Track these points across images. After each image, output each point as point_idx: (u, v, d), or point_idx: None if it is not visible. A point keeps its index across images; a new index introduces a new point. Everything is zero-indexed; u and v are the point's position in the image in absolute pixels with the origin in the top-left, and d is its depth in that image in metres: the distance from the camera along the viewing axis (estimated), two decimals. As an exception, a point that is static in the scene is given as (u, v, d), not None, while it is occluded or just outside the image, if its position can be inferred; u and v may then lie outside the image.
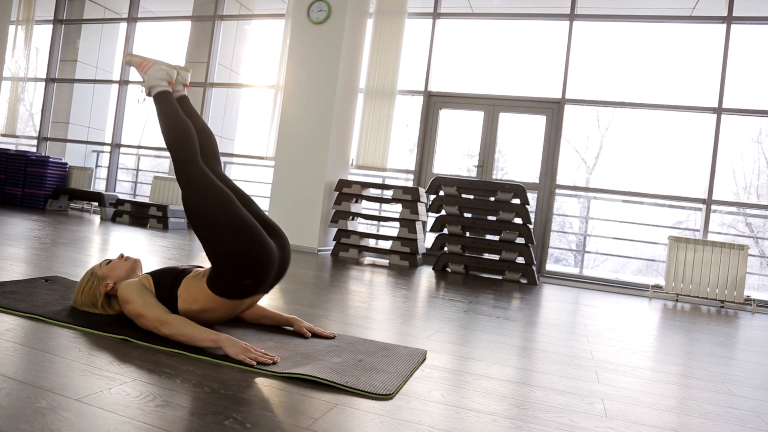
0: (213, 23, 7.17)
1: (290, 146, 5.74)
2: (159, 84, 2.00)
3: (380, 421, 1.26)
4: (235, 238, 1.70)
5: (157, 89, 1.99)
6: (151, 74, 2.00)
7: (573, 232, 9.40)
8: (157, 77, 2.00)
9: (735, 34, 5.36)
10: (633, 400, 1.66)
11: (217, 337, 1.61)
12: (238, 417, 1.18)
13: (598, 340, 2.60)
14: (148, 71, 2.01)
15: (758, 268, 7.56)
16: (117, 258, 1.96)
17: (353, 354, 1.77)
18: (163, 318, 1.67)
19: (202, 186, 1.78)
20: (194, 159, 1.85)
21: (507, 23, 8.48)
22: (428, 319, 2.65)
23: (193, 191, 1.78)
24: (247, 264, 1.71)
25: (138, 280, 1.81)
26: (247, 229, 1.72)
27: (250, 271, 1.72)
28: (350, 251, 5.49)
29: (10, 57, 8.03)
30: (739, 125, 10.98)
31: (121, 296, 1.76)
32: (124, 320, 1.83)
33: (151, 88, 2.00)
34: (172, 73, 2.04)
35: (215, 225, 1.72)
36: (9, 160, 7.12)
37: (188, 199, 1.79)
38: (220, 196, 1.76)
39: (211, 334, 1.62)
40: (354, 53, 5.97)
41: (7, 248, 3.26)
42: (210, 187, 1.78)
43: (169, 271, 1.84)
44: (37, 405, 1.11)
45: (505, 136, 6.19)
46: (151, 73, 2.00)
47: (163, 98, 1.98)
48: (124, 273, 1.90)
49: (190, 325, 1.65)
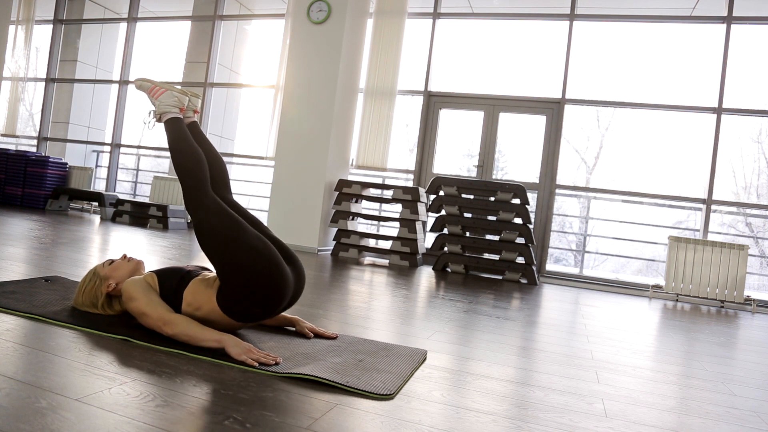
0: (213, 23, 7.17)
1: (290, 146, 5.74)
2: (170, 110, 1.97)
3: (380, 421, 1.26)
4: (249, 268, 1.66)
5: (169, 116, 1.97)
6: (163, 100, 1.98)
7: (573, 232, 9.40)
8: (168, 104, 1.97)
9: (735, 34, 5.36)
10: (633, 400, 1.66)
11: (220, 338, 1.60)
12: (238, 417, 1.18)
13: (598, 340, 2.60)
14: (159, 97, 1.99)
15: (758, 268, 7.56)
16: (120, 258, 1.96)
17: (353, 354, 1.77)
18: (167, 317, 1.66)
19: (212, 213, 1.75)
20: (204, 186, 1.82)
21: (507, 23, 8.48)
22: (428, 319, 2.65)
23: (204, 218, 1.75)
24: (260, 295, 1.68)
25: (143, 278, 1.80)
26: (262, 258, 1.68)
27: (262, 301, 1.69)
28: (350, 251, 5.49)
29: (10, 57, 8.03)
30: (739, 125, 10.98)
31: (126, 293, 1.76)
32: (125, 320, 1.83)
33: (162, 114, 1.98)
34: (184, 100, 2.01)
35: (227, 252, 1.68)
36: (9, 160, 7.12)
37: (199, 226, 1.75)
38: (231, 223, 1.73)
39: (214, 334, 1.62)
40: (354, 53, 5.97)
41: (7, 248, 3.26)
42: (220, 213, 1.75)
43: (175, 271, 1.82)
44: (37, 405, 1.11)
45: (505, 136, 6.19)
46: (162, 99, 1.98)
47: (174, 125, 1.95)
48: (126, 274, 1.89)
49: (193, 324, 1.65)
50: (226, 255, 1.68)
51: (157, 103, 1.98)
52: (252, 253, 1.67)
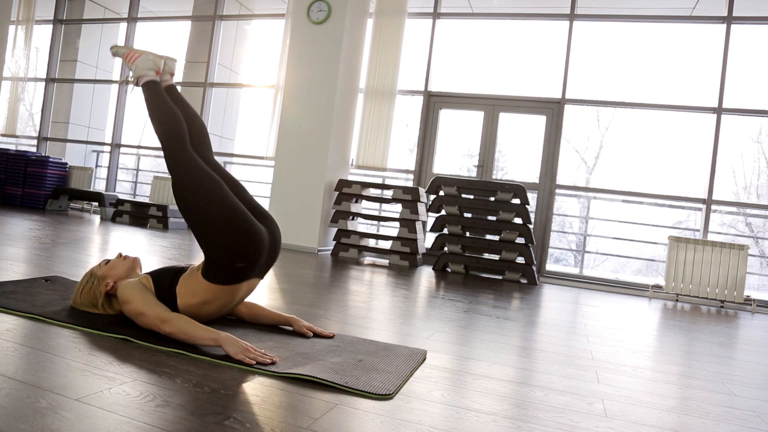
0: (213, 23, 7.17)
1: (290, 146, 5.74)
2: (146, 74, 2.03)
3: (380, 421, 1.26)
4: (224, 222, 1.73)
5: (145, 78, 2.02)
6: (139, 64, 2.03)
7: (573, 232, 9.40)
8: (144, 67, 2.03)
9: (735, 34, 5.36)
10: (633, 400, 1.66)
11: (217, 336, 1.61)
12: (238, 417, 1.18)
13: (598, 340, 2.60)
14: (135, 61, 2.04)
15: (758, 268, 7.56)
16: (116, 257, 1.96)
17: (353, 354, 1.77)
18: (164, 316, 1.67)
19: (190, 171, 1.81)
20: (183, 146, 1.87)
21: (507, 23, 8.47)
22: (428, 319, 2.65)
23: (182, 176, 1.81)
24: (238, 246, 1.73)
25: (137, 280, 1.81)
26: (235, 213, 1.74)
27: (242, 253, 1.74)
28: (350, 251, 5.49)
29: (10, 57, 8.03)
30: (739, 125, 10.99)
31: (121, 296, 1.76)
32: (124, 320, 1.83)
33: (138, 78, 2.03)
34: (159, 63, 2.06)
35: (204, 210, 1.75)
36: (9, 160, 7.12)
37: (177, 184, 1.81)
38: (208, 181, 1.79)
39: (211, 333, 1.62)
40: (354, 53, 5.97)
41: (7, 248, 3.26)
42: (198, 170, 1.81)
43: (168, 270, 1.85)
44: (37, 405, 1.11)
45: (505, 136, 6.19)
46: (138, 63, 2.04)
47: (151, 87, 2.00)
48: (123, 272, 1.90)
49: (190, 323, 1.65)
50: (201, 210, 1.75)
51: (133, 67, 2.04)
52: (226, 207, 1.74)
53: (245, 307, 2.05)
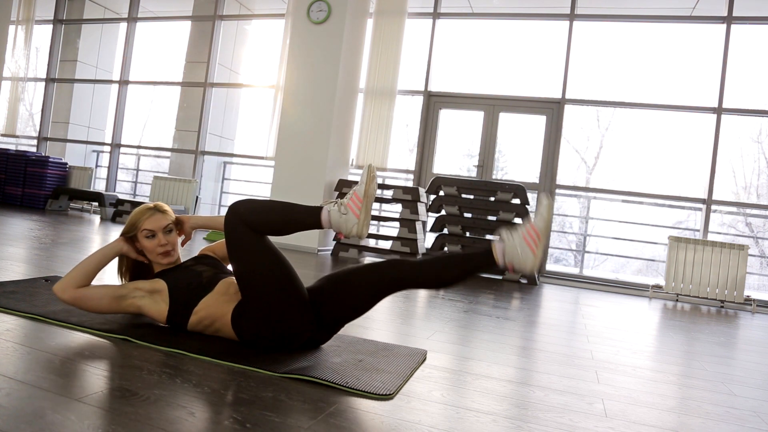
0: (213, 23, 7.16)
1: (290, 146, 5.74)
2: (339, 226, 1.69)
3: (380, 421, 1.26)
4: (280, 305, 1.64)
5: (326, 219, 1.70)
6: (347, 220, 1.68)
7: (573, 232, 9.40)
8: (345, 226, 1.69)
9: (735, 34, 5.36)
10: (633, 400, 1.66)
11: (113, 245, 1.80)
12: (238, 417, 1.18)
13: (598, 340, 2.60)
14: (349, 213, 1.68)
15: (758, 268, 7.56)
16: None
17: (353, 354, 1.77)
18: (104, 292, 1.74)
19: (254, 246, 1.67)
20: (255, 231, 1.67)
21: (507, 23, 8.47)
22: (428, 319, 2.65)
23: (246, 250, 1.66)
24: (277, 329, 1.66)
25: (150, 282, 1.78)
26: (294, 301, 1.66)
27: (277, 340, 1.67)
28: (350, 251, 5.49)
29: (10, 57, 8.03)
30: (739, 125, 10.98)
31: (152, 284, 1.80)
32: (125, 320, 1.83)
33: (334, 223, 1.69)
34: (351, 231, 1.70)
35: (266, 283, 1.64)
36: (9, 160, 7.12)
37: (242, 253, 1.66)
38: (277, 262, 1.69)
39: (104, 250, 1.77)
40: (354, 53, 5.97)
41: (7, 248, 3.26)
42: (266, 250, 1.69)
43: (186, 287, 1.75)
44: (37, 405, 1.11)
45: (505, 136, 6.19)
46: (348, 219, 1.68)
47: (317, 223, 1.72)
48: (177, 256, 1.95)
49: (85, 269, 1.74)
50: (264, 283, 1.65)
51: (343, 218, 1.68)
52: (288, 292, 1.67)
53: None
